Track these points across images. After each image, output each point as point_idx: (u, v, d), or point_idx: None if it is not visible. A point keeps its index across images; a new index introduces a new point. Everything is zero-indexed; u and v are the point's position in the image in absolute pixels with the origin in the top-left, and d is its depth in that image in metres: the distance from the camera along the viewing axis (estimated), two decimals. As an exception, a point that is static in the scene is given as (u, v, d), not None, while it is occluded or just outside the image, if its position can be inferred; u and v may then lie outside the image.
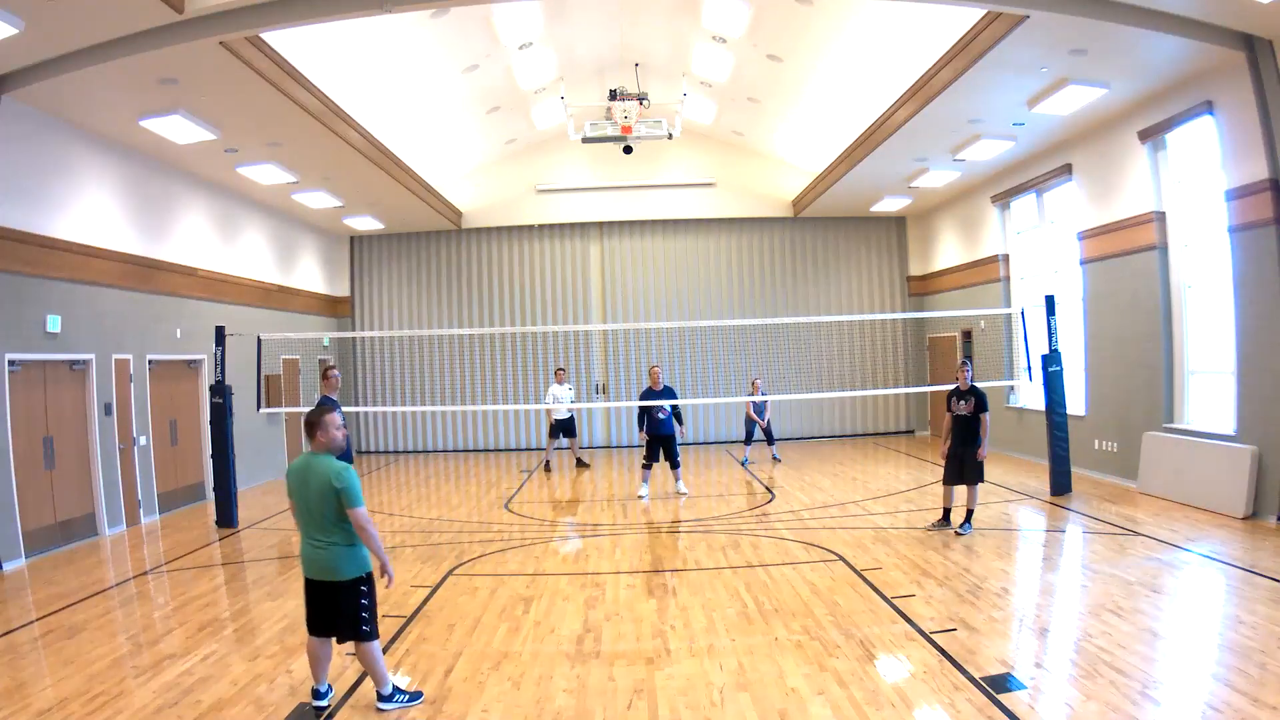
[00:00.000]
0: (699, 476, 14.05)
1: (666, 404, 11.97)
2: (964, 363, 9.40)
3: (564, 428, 15.09)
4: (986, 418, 9.08)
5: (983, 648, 5.55)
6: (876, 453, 16.40)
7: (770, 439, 15.45)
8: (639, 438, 12.50)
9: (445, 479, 15.20)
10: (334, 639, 4.99)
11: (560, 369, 15.66)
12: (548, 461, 15.52)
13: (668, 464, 12.22)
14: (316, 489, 4.81)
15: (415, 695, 5.07)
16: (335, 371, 9.37)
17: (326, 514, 4.81)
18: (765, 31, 12.42)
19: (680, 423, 12.18)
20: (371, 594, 4.97)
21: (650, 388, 12.15)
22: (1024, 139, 12.51)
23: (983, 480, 9.19)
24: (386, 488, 14.38)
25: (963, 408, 9.14)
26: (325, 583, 4.88)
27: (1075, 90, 10.13)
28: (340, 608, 4.88)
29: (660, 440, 12.03)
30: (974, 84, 10.12)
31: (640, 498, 11.90)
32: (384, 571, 4.95)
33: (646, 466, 12.13)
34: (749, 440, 15.46)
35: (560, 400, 14.84)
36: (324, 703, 5.00)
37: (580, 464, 15.61)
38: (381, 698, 4.95)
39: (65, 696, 5.18)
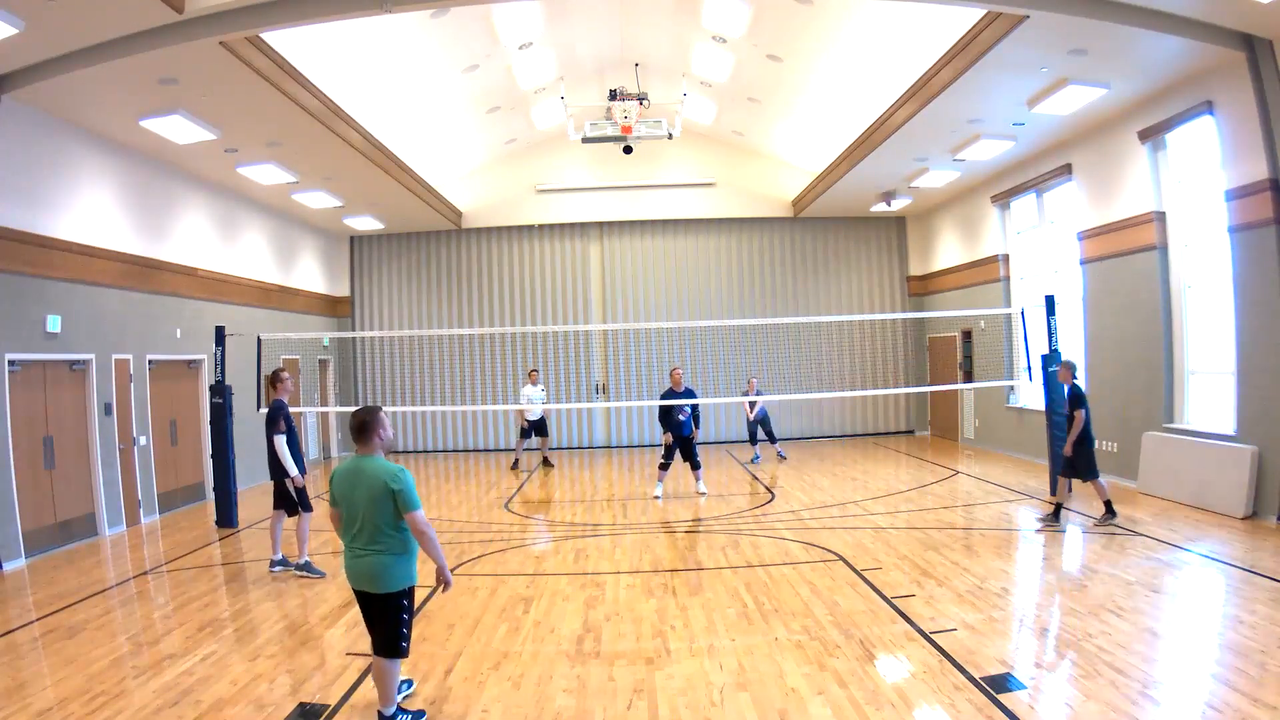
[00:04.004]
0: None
1: (687, 404, 11.85)
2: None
3: (535, 427, 15.48)
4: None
5: (983, 648, 5.55)
6: (876, 453, 16.39)
7: (771, 438, 15.56)
8: (659, 438, 12.46)
9: (445, 479, 15.20)
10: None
11: (534, 370, 16.06)
12: (516, 460, 15.82)
13: (688, 465, 12.19)
14: (368, 492, 4.49)
15: (419, 714, 4.80)
16: (285, 374, 8.65)
17: (379, 519, 4.49)
18: (765, 31, 12.41)
19: (697, 425, 12.11)
20: (411, 608, 4.67)
21: (671, 389, 12.02)
22: (1024, 139, 12.51)
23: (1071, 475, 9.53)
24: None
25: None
26: (367, 594, 4.61)
27: (1075, 90, 10.12)
28: (379, 621, 4.61)
29: (680, 441, 11.94)
30: (974, 84, 10.12)
31: (655, 498, 11.85)
32: (441, 579, 4.71)
33: (664, 467, 12.08)
34: (753, 440, 15.75)
35: (533, 401, 15.19)
36: (409, 690, 5.15)
37: (546, 463, 15.87)
38: (383, 717, 4.61)
39: (65, 696, 5.17)
